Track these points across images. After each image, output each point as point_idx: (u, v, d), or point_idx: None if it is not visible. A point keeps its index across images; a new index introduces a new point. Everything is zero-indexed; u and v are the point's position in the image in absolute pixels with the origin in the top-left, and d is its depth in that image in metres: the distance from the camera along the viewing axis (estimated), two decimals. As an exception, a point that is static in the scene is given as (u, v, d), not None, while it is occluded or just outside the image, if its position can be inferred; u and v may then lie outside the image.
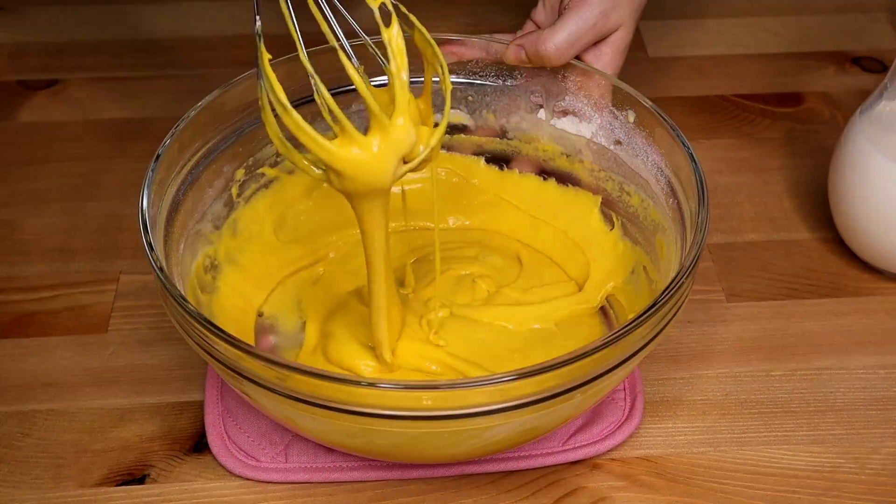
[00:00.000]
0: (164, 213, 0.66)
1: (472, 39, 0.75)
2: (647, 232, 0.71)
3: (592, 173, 0.75)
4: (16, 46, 1.01)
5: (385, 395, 0.55)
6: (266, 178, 0.75)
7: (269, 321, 0.72)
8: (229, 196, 0.73)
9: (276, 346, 0.71)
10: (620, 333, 0.57)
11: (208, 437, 0.68)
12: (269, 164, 0.75)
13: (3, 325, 0.76)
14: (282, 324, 0.72)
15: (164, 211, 0.66)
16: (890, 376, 0.73)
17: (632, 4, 0.74)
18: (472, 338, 0.70)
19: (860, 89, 0.95)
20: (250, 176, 0.74)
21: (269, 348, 0.71)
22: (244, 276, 0.72)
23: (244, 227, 0.74)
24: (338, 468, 0.66)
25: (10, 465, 0.67)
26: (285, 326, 0.72)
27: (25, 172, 0.88)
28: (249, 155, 0.73)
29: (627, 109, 0.72)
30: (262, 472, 0.66)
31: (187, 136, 0.69)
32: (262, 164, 0.74)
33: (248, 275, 0.73)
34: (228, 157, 0.72)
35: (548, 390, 0.56)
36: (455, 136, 0.79)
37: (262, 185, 0.75)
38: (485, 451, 0.64)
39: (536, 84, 0.75)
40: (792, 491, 0.66)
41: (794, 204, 0.85)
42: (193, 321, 0.58)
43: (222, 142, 0.71)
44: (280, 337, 0.72)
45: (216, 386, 0.70)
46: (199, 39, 1.02)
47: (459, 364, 0.67)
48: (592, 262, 0.74)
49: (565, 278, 0.75)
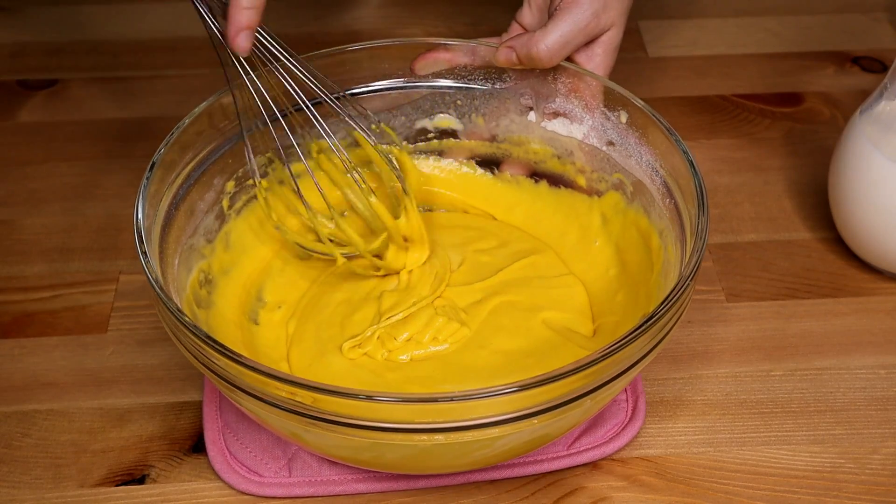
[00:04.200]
0: (158, 227, 0.65)
1: (455, 43, 0.75)
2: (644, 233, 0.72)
3: (585, 174, 0.75)
4: (16, 46, 1.01)
5: (395, 408, 0.55)
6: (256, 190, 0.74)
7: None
8: (220, 209, 0.73)
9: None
10: (625, 341, 0.57)
11: (209, 453, 0.67)
12: (259, 175, 0.74)
13: (3, 325, 0.76)
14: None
15: (159, 225, 0.65)
16: (890, 376, 0.73)
17: (622, 4, 0.74)
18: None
19: (860, 89, 0.95)
20: (240, 188, 0.73)
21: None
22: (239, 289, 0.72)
23: (237, 239, 0.73)
24: (342, 481, 0.66)
25: (10, 465, 0.67)
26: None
27: (25, 172, 0.88)
28: (239, 166, 0.73)
29: (619, 110, 0.72)
30: (265, 487, 0.66)
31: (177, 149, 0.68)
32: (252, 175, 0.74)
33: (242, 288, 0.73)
34: (218, 169, 0.71)
35: (559, 398, 0.56)
36: (445, 141, 0.79)
37: (252, 197, 0.74)
38: (494, 460, 0.64)
39: (526, 86, 0.75)
40: (792, 491, 0.66)
41: (794, 204, 0.85)
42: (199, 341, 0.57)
43: (211, 154, 0.71)
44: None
45: (215, 401, 0.70)
46: (199, 39, 1.01)
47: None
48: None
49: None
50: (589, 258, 0.75)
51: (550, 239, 0.77)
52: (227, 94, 0.70)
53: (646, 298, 0.69)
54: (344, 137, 0.77)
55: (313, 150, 0.73)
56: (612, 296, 0.72)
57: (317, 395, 0.55)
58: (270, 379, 0.56)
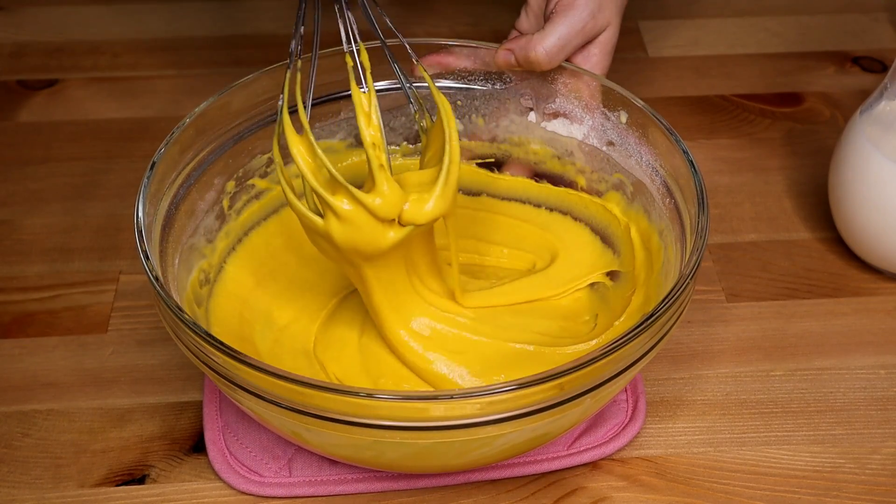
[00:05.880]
0: (158, 226, 0.65)
1: (455, 44, 0.75)
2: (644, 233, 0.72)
3: (585, 175, 0.75)
4: (16, 46, 1.01)
5: (395, 406, 0.55)
6: (256, 190, 0.74)
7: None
8: (221, 209, 0.73)
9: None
10: (625, 340, 0.57)
11: (209, 453, 0.67)
12: (259, 175, 0.74)
13: (3, 325, 0.76)
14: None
15: (159, 225, 0.66)
16: (890, 376, 0.73)
17: (617, 3, 0.74)
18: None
19: (860, 89, 0.95)
20: (241, 188, 0.73)
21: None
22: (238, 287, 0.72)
23: (231, 278, 0.72)
24: (342, 481, 0.66)
25: (10, 465, 0.67)
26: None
27: (25, 172, 0.88)
28: (240, 166, 0.73)
29: (619, 110, 0.72)
30: (265, 487, 0.66)
31: (178, 149, 0.68)
32: (252, 175, 0.74)
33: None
34: (219, 169, 0.71)
35: (559, 396, 0.57)
36: None
37: (252, 197, 0.74)
38: (494, 459, 0.64)
39: (526, 87, 0.75)
40: (792, 491, 0.66)
41: (794, 204, 0.85)
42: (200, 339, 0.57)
43: (212, 154, 0.71)
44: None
45: (215, 401, 0.70)
46: (199, 39, 1.02)
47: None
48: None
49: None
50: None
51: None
52: (228, 94, 0.71)
53: (645, 298, 0.69)
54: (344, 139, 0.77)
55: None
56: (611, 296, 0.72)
57: (317, 393, 0.55)
58: (271, 377, 0.56)
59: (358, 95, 0.62)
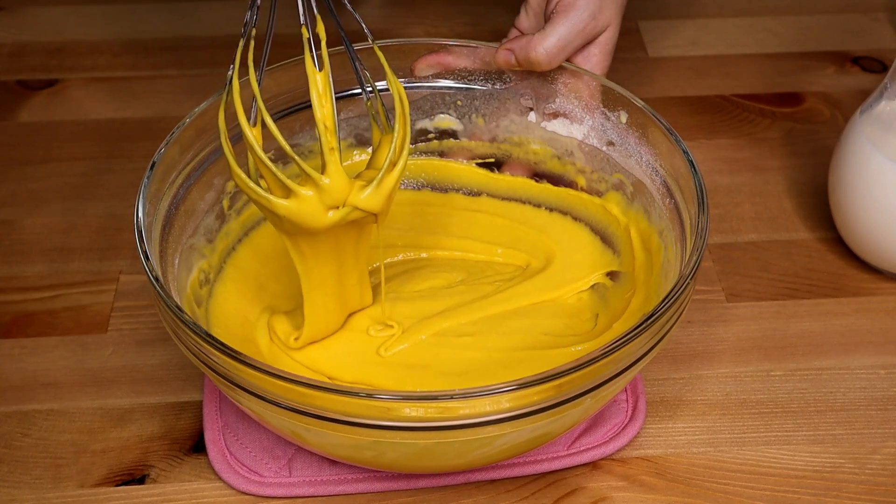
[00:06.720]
0: (158, 226, 0.65)
1: (455, 44, 0.75)
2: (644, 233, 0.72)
3: (585, 175, 0.75)
4: (16, 46, 1.01)
5: (395, 406, 0.55)
6: None
7: None
8: (221, 209, 0.72)
9: None
10: (625, 340, 0.57)
11: (209, 453, 0.67)
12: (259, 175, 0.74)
13: (3, 325, 0.76)
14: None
15: (159, 225, 0.65)
16: (890, 376, 0.73)
17: (617, 3, 0.74)
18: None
19: (860, 89, 0.95)
20: None
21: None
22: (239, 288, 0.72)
23: (222, 301, 0.72)
24: (342, 481, 0.66)
25: (10, 465, 0.67)
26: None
27: (25, 172, 0.88)
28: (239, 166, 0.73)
29: (619, 110, 0.72)
30: (265, 487, 0.66)
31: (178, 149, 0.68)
32: None
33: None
34: (219, 169, 0.71)
35: (559, 396, 0.57)
36: (445, 141, 0.79)
37: None
38: (494, 459, 0.64)
39: (526, 87, 0.75)
40: (792, 491, 0.66)
41: (794, 204, 0.85)
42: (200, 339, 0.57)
43: (212, 154, 0.71)
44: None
45: (215, 401, 0.70)
46: (199, 39, 1.02)
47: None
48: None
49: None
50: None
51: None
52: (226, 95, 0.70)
53: (646, 298, 0.69)
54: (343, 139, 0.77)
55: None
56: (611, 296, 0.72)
57: (317, 393, 0.55)
58: (271, 377, 0.56)
59: (313, 72, 0.60)
